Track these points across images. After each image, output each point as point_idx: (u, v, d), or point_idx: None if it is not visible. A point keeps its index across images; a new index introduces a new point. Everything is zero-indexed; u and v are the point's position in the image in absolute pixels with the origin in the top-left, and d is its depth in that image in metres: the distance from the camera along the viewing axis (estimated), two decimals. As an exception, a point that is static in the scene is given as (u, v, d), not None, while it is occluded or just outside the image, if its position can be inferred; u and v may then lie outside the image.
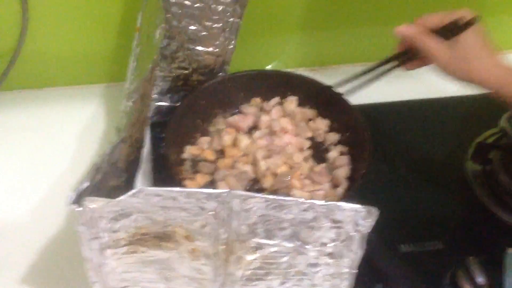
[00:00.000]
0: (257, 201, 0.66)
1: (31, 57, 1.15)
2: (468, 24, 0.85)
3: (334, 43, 1.26)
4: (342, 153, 1.03)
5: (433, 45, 0.87)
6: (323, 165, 1.01)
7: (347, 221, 0.68)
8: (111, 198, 0.64)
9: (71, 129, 1.15)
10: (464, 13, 0.86)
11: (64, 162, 1.09)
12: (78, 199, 0.63)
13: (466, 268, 0.89)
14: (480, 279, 0.87)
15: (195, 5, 0.97)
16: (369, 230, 0.69)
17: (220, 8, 0.99)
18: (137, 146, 0.89)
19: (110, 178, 0.73)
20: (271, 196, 0.66)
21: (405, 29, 0.89)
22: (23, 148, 1.12)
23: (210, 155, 1.03)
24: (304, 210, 0.67)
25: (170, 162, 0.96)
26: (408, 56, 0.93)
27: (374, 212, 0.67)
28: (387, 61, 0.97)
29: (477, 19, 0.86)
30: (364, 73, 0.98)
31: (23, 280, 0.91)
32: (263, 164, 0.98)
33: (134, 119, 0.81)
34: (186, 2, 0.96)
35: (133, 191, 0.63)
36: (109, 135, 1.12)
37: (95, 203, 0.63)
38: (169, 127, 0.99)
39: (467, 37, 0.86)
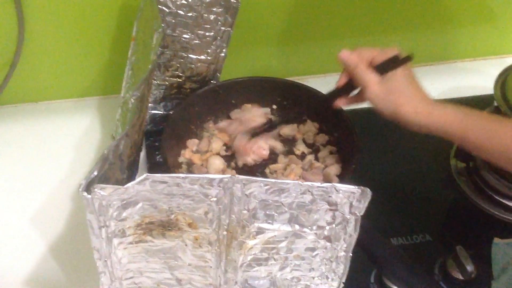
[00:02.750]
0: (258, 185, 0.69)
1: (26, 71, 1.17)
2: (404, 60, 0.89)
3: (323, 53, 1.29)
4: (331, 152, 1.08)
5: (370, 77, 0.90)
6: (316, 165, 1.05)
7: (342, 203, 0.71)
8: (119, 187, 0.67)
9: (67, 141, 1.18)
10: (397, 51, 0.90)
11: (61, 172, 1.12)
12: (88, 188, 0.66)
13: (455, 257, 0.93)
14: (470, 267, 0.91)
15: (188, 14, 1.01)
16: (363, 213, 0.72)
17: (212, 17, 1.03)
18: (136, 147, 0.92)
19: (115, 170, 0.76)
20: (271, 180, 0.69)
21: (348, 56, 0.92)
22: (20, 161, 1.15)
23: (197, 159, 1.07)
24: (302, 193, 0.70)
25: (168, 165, 1.00)
26: (346, 90, 0.96)
27: (368, 193, 0.70)
28: (333, 94, 0.99)
29: (412, 56, 0.90)
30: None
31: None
32: None
33: (135, 120, 0.84)
34: (180, 12, 1.01)
35: (140, 178, 0.66)
36: (105, 145, 1.15)
37: (104, 191, 0.66)
38: (165, 133, 1.03)
39: (397, 73, 0.89)
